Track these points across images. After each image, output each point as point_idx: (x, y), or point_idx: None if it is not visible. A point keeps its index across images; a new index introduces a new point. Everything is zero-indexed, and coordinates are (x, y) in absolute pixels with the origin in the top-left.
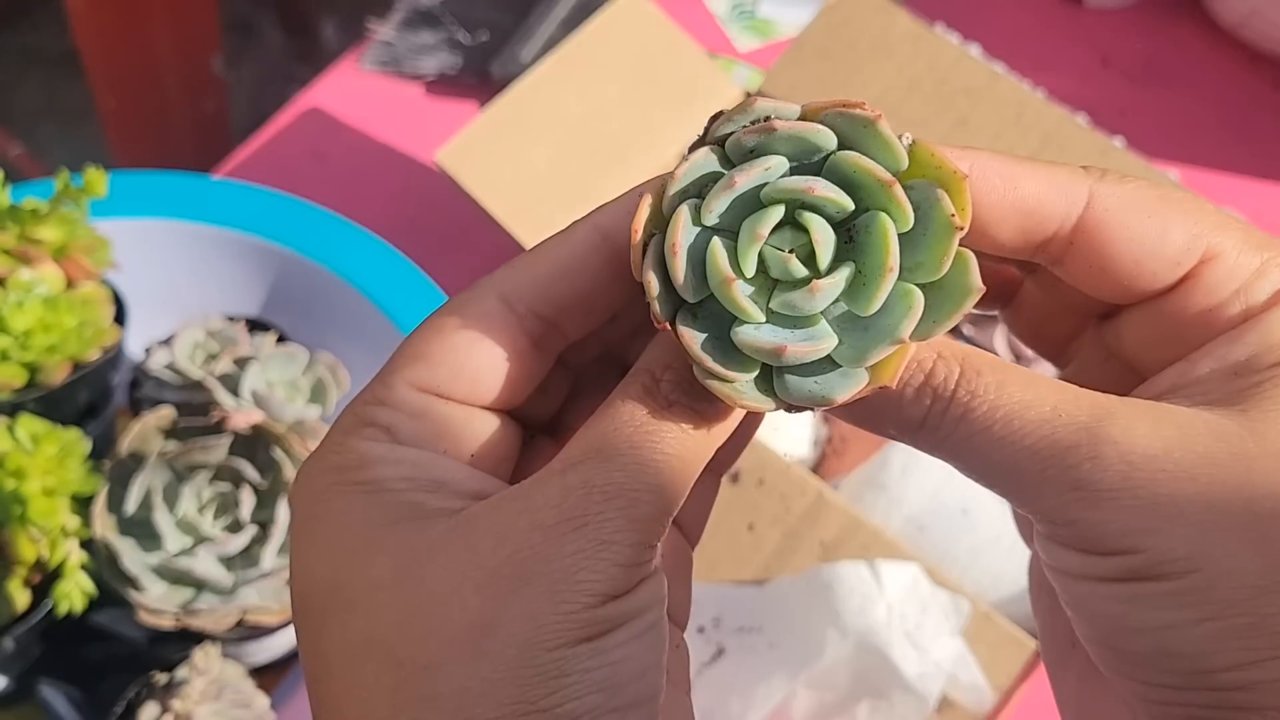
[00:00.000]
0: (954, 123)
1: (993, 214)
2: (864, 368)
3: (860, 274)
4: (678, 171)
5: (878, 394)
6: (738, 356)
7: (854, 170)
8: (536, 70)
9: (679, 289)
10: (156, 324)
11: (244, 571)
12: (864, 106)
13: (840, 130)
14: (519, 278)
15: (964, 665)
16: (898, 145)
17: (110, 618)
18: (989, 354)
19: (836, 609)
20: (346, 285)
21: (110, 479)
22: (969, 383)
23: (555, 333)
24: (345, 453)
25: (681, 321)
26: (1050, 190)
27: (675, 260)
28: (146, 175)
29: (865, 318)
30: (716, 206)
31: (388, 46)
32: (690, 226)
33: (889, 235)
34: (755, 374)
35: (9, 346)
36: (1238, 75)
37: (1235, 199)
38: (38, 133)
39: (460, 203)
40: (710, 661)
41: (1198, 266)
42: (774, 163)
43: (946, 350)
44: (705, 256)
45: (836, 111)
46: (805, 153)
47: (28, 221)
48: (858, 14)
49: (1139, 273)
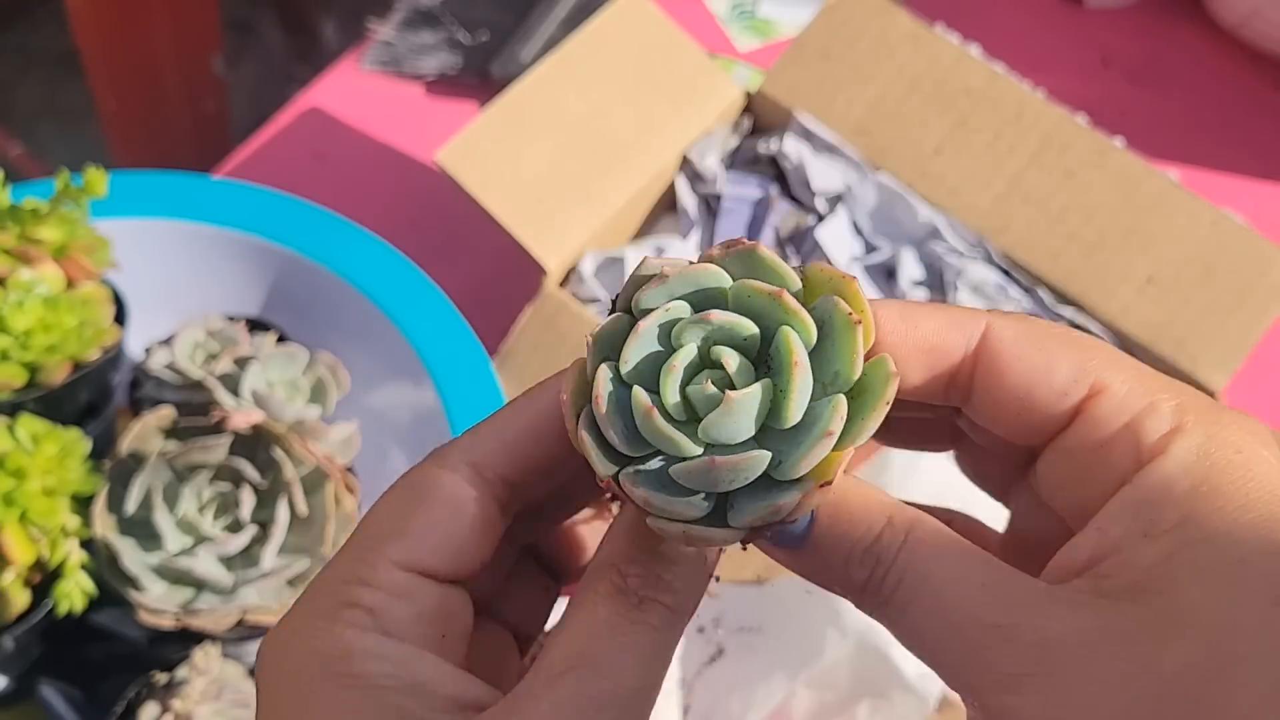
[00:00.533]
0: (954, 123)
1: (899, 353)
2: (804, 475)
3: (779, 389)
4: (593, 337)
5: (825, 551)
6: (680, 490)
7: (749, 294)
8: (537, 70)
9: (614, 444)
10: (157, 324)
11: (244, 571)
12: (743, 242)
13: (730, 267)
14: (488, 444)
15: None
16: (784, 266)
17: (110, 617)
18: (937, 523)
19: (836, 608)
20: (346, 285)
21: (110, 479)
22: (909, 552)
23: (517, 496)
24: (330, 639)
25: (624, 475)
26: (948, 326)
27: (601, 413)
28: (146, 175)
29: (793, 429)
30: (631, 357)
31: (388, 46)
32: (610, 382)
33: (791, 341)
34: (706, 510)
35: (9, 346)
36: (1238, 75)
37: (1235, 199)
38: (38, 132)
39: (460, 203)
40: (710, 661)
41: (1086, 400)
42: (674, 306)
43: (898, 517)
44: (630, 403)
45: (722, 253)
46: (704, 294)
47: (28, 221)
48: (858, 14)
49: (1030, 405)
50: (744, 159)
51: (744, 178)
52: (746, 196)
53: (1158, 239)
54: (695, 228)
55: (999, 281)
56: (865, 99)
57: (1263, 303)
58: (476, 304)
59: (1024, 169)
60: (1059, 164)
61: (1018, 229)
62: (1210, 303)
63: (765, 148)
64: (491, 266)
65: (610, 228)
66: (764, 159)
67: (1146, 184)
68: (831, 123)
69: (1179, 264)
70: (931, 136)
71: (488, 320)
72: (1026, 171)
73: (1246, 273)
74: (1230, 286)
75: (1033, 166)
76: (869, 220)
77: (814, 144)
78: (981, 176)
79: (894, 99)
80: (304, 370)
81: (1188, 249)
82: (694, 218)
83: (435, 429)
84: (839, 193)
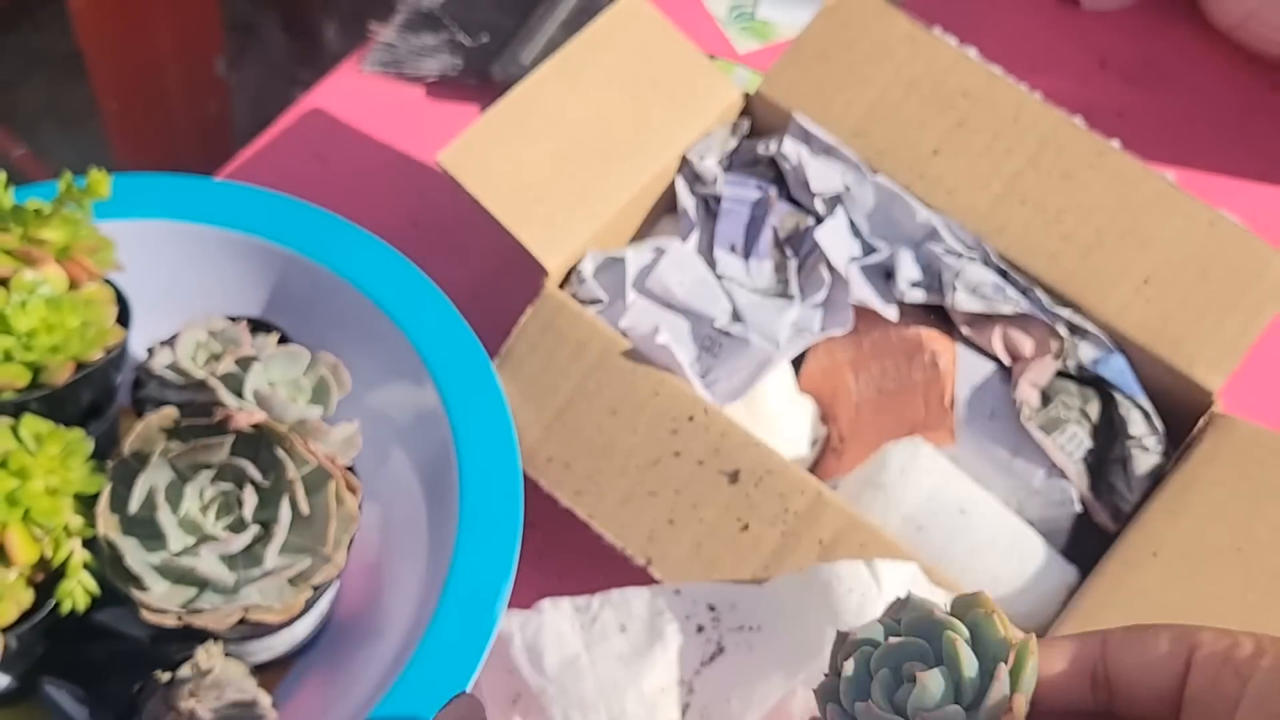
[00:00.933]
0: (952, 124)
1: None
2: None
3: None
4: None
5: None
6: None
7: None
8: (537, 72)
9: None
10: (159, 324)
11: (246, 570)
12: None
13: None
14: None
15: None
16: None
17: (113, 616)
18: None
19: (835, 607)
20: (348, 286)
21: (113, 478)
22: None
23: None
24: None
25: None
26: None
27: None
28: (150, 177)
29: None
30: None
31: (389, 48)
32: None
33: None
34: None
35: (12, 347)
36: (1235, 77)
37: (1232, 200)
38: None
39: (461, 204)
40: (709, 660)
41: (1191, 656)
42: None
43: None
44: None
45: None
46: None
47: (31, 222)
48: (856, 16)
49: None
50: (743, 160)
51: (743, 179)
52: (746, 197)
53: (1155, 240)
54: (695, 228)
55: (996, 282)
56: (863, 101)
57: (1259, 303)
58: (477, 304)
59: (1021, 170)
60: (1056, 165)
61: (1015, 230)
62: (1207, 303)
63: (764, 149)
64: (492, 267)
65: (610, 228)
66: (763, 160)
67: (1143, 185)
68: (830, 124)
69: (1176, 265)
70: (929, 138)
71: (488, 320)
72: (1024, 173)
73: (1243, 273)
74: (1227, 287)
75: (1030, 168)
76: (867, 221)
77: (812, 145)
78: (979, 178)
79: (892, 101)
80: (306, 370)
81: (1185, 250)
82: (693, 218)
83: (436, 429)
84: (837, 194)
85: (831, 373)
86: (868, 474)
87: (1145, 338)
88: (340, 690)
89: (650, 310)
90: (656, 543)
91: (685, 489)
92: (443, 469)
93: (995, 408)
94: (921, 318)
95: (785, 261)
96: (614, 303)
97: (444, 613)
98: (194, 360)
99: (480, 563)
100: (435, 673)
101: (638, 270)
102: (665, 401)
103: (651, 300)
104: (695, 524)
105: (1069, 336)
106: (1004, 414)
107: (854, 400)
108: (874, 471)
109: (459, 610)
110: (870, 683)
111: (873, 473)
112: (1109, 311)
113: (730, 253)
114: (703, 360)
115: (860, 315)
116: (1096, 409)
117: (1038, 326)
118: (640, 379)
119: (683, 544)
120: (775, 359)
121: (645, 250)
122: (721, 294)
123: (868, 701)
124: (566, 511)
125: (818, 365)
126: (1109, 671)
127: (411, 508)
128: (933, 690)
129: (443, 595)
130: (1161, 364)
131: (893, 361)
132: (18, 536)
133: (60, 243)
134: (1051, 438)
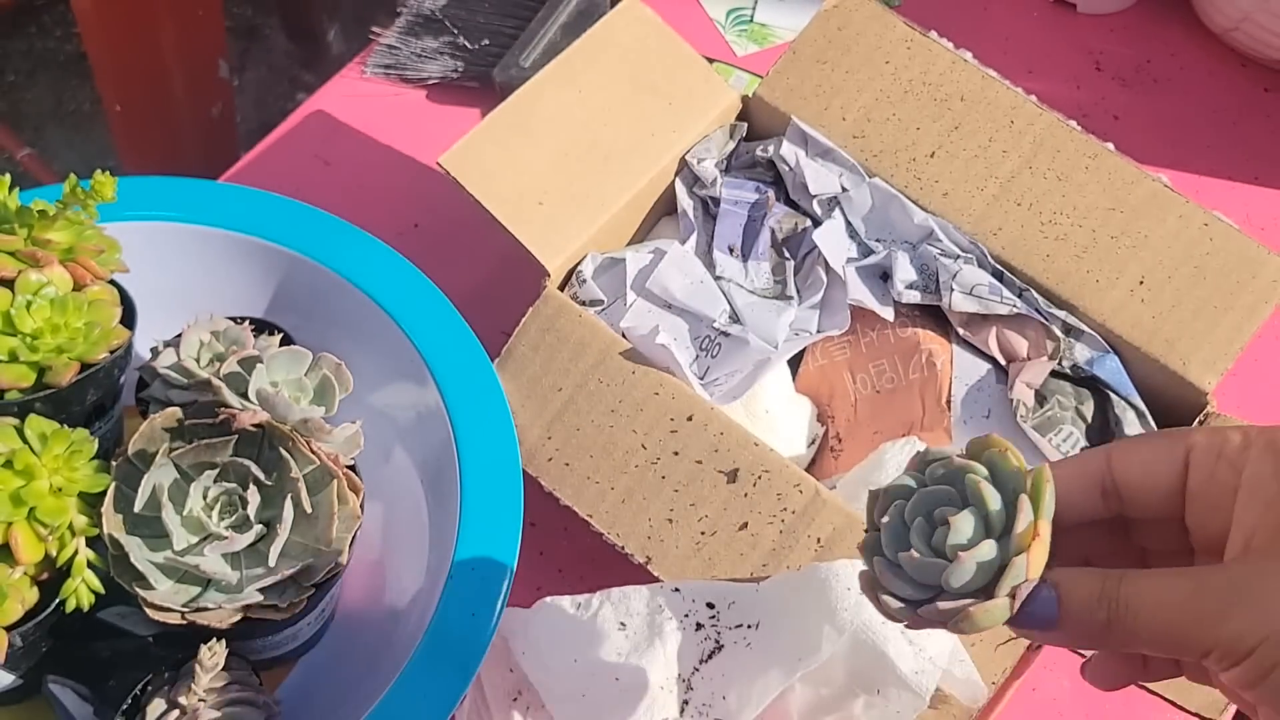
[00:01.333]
0: (948, 127)
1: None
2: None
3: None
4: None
5: (1073, 616)
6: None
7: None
8: (538, 76)
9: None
10: (163, 325)
11: (250, 569)
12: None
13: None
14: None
15: (958, 661)
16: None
17: (117, 614)
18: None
19: (833, 606)
20: (350, 288)
21: (118, 478)
22: (1130, 584)
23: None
24: None
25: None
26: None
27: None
28: (155, 179)
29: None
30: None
31: (391, 51)
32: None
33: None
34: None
35: (18, 347)
36: (1229, 79)
37: (1226, 202)
38: (46, 135)
39: (463, 206)
40: (707, 658)
41: (1189, 457)
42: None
43: (1108, 575)
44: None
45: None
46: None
47: (36, 224)
48: (853, 20)
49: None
50: (741, 163)
51: (741, 181)
52: (744, 199)
53: (1149, 241)
54: (694, 230)
55: (992, 283)
56: (860, 104)
57: (1253, 304)
58: (478, 305)
59: (1017, 172)
60: (1051, 168)
61: (1011, 231)
62: (1201, 304)
63: (763, 152)
64: (493, 268)
65: (610, 230)
66: (761, 162)
67: (1138, 187)
68: (827, 127)
69: (1170, 266)
70: (926, 140)
71: (489, 321)
72: (1019, 175)
73: (1237, 274)
74: (1221, 288)
75: (1025, 170)
76: (864, 223)
77: (810, 148)
78: (975, 180)
79: (889, 103)
80: (308, 371)
81: (1179, 251)
82: (692, 220)
83: (437, 429)
84: (835, 196)
85: (829, 373)
86: (865, 473)
87: (1140, 338)
88: (342, 688)
89: (650, 311)
90: (656, 541)
91: (684, 488)
92: (444, 468)
93: (991, 407)
94: (918, 318)
95: (783, 263)
96: (614, 303)
97: (445, 610)
98: (198, 360)
99: (481, 561)
100: (437, 670)
101: (637, 271)
102: (664, 401)
103: (651, 301)
104: (694, 523)
105: (1064, 337)
106: (1000, 414)
107: (851, 400)
108: (871, 470)
109: (460, 608)
110: (907, 532)
111: (870, 472)
112: (1104, 312)
113: (729, 254)
114: (701, 361)
115: (857, 316)
116: (1091, 409)
117: (1033, 327)
118: (640, 379)
119: (682, 542)
120: (773, 359)
121: (645, 251)
122: (720, 295)
123: (909, 550)
124: (566, 510)
125: (815, 365)
126: (1116, 480)
127: (413, 506)
128: (965, 529)
129: (444, 593)
130: (1156, 364)
131: (889, 362)
132: (23, 535)
133: (65, 244)
134: (1047, 438)
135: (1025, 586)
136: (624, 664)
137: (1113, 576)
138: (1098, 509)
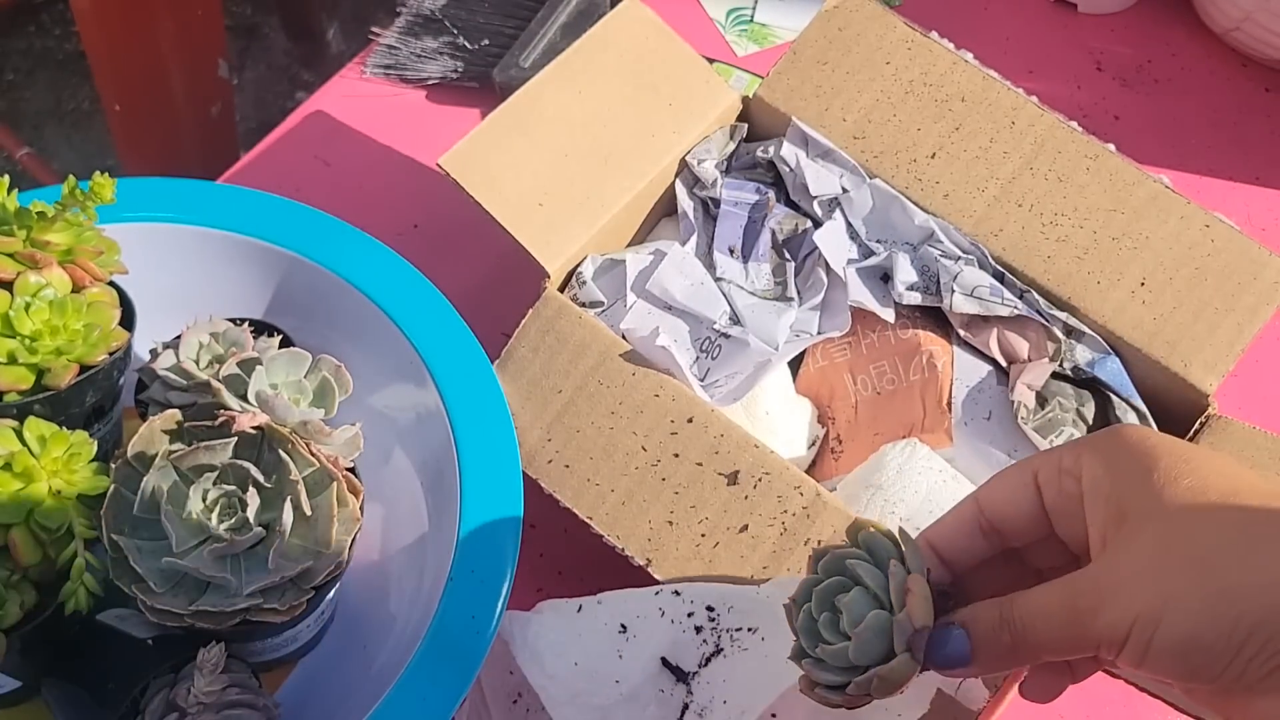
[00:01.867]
0: (949, 128)
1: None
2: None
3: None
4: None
5: (985, 649)
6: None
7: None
8: (538, 76)
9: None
10: (163, 326)
11: (250, 571)
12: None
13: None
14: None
15: None
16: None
17: (116, 617)
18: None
19: None
20: (350, 289)
21: (117, 480)
22: (1020, 607)
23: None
24: None
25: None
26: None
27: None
28: (154, 180)
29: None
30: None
31: (391, 51)
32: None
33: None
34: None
35: (16, 349)
36: (1230, 80)
37: (1227, 203)
38: (45, 134)
39: (463, 207)
40: (707, 660)
41: (1041, 493)
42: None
43: (1005, 603)
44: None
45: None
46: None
47: (35, 225)
48: (853, 21)
49: (1021, 511)
50: (742, 164)
51: (742, 182)
52: (744, 200)
53: (1150, 242)
54: (694, 231)
55: (993, 285)
56: (861, 104)
57: (1255, 305)
58: (478, 306)
59: (1018, 173)
60: (1052, 168)
61: (1011, 232)
62: (1202, 305)
63: (763, 153)
64: (492, 270)
65: (610, 231)
66: (762, 164)
67: (1139, 188)
68: (828, 128)
69: (1171, 267)
70: (926, 141)
71: (489, 322)
72: (1020, 176)
73: (1238, 276)
74: (1222, 290)
75: (1026, 171)
76: (865, 224)
77: (810, 149)
78: (976, 181)
79: (889, 104)
80: (308, 373)
81: (1180, 252)
82: (693, 221)
83: (437, 430)
84: (835, 197)
85: (829, 374)
86: (865, 475)
87: (1141, 340)
88: (342, 690)
89: (650, 312)
90: (656, 543)
91: (684, 490)
92: (444, 470)
93: (992, 409)
94: (919, 320)
95: (784, 264)
96: (614, 305)
97: (445, 612)
98: (197, 362)
99: (480, 563)
100: (437, 672)
101: (637, 273)
102: (665, 403)
103: (651, 302)
104: (694, 525)
105: (1065, 338)
106: (1000, 415)
107: (852, 401)
108: (871, 472)
109: (460, 610)
110: (817, 627)
111: (870, 473)
112: (1105, 313)
113: (729, 255)
114: (702, 362)
115: (858, 317)
116: (1092, 411)
117: (1034, 328)
118: (640, 381)
119: (682, 544)
120: (774, 361)
121: (645, 253)
122: (720, 296)
123: (822, 645)
124: (566, 511)
125: (816, 367)
126: (989, 519)
127: (413, 508)
128: (856, 609)
129: (444, 595)
130: (1157, 366)
131: (890, 363)
132: (22, 538)
133: (64, 246)
134: (1048, 439)
135: (919, 636)
136: (624, 667)
137: (1006, 602)
138: (984, 548)
